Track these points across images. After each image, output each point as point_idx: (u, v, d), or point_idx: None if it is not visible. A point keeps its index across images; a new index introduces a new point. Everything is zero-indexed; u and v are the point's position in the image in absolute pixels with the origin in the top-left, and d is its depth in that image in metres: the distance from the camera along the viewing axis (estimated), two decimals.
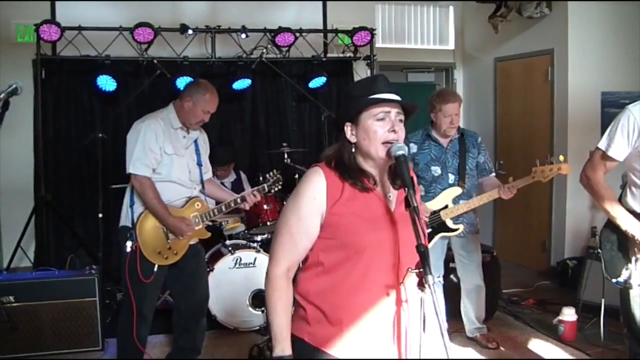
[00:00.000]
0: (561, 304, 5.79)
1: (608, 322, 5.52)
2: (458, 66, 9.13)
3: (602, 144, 3.58)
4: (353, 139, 2.38)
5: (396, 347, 2.38)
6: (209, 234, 4.66)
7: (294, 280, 2.44)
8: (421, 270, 2.13)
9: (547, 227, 7.64)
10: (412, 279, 2.32)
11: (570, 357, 5.16)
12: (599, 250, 3.75)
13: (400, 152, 2.28)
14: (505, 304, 6.38)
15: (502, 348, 5.30)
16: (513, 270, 7.38)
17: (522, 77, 8.01)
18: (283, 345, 2.32)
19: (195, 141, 4.57)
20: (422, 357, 2.29)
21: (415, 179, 2.61)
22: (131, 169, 4.25)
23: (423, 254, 2.12)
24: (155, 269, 4.34)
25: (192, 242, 4.55)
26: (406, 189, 2.22)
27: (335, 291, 2.34)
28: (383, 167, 2.41)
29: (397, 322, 2.36)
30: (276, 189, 4.71)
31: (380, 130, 2.31)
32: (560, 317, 5.51)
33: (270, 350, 2.41)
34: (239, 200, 4.53)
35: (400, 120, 2.36)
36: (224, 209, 4.56)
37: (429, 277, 2.10)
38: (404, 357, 2.38)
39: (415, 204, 2.19)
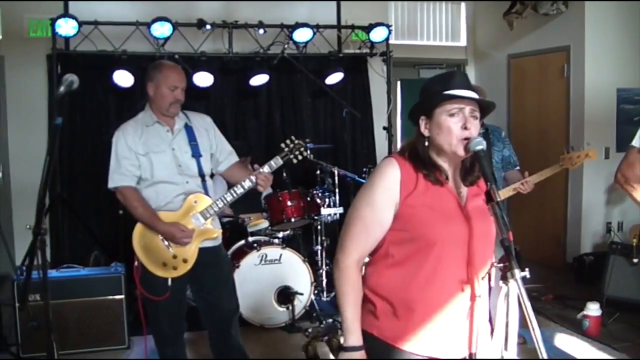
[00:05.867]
0: (581, 299, 5.83)
1: (633, 318, 5.59)
2: (470, 62, 9.14)
3: (637, 142, 3.55)
4: (427, 133, 2.36)
5: (467, 343, 2.38)
6: (217, 232, 4.06)
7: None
8: (506, 264, 2.12)
9: (562, 223, 7.69)
10: (482, 275, 2.34)
11: (606, 355, 5.16)
12: None
13: (479, 147, 2.26)
14: None
15: (528, 345, 5.31)
16: (528, 265, 7.34)
17: (537, 74, 8.04)
18: (355, 336, 2.32)
19: (188, 131, 4.06)
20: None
21: None
22: (110, 184, 3.91)
23: (508, 247, 2.12)
24: (169, 283, 3.90)
25: (204, 245, 4.00)
26: (488, 183, 2.21)
27: (406, 284, 2.32)
28: (455, 163, 2.39)
29: (470, 318, 2.36)
30: (300, 157, 4.08)
31: (453, 126, 2.28)
32: (585, 312, 5.51)
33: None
34: (245, 186, 3.95)
35: (475, 117, 2.33)
36: (228, 198, 3.97)
37: (516, 271, 2.09)
38: (473, 352, 2.39)
39: (499, 199, 2.18)
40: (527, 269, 2.15)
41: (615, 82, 7.32)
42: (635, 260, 5.68)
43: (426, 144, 2.37)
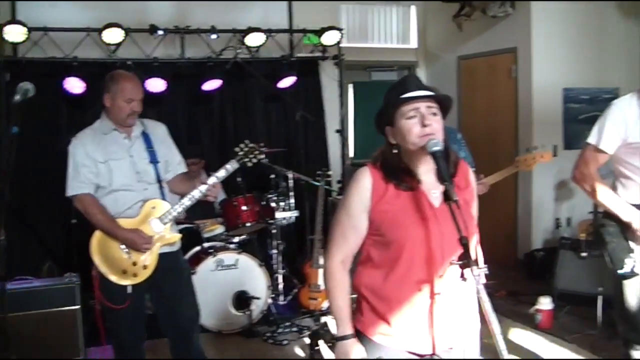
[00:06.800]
0: (533, 294, 5.99)
1: (583, 310, 5.74)
2: (420, 64, 9.20)
3: (592, 139, 3.58)
4: (394, 141, 2.44)
5: (430, 338, 2.43)
6: (176, 237, 4.05)
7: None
8: (464, 261, 2.18)
9: (513, 220, 7.86)
10: (453, 272, 2.37)
11: (558, 347, 5.28)
12: (605, 242, 3.74)
13: (435, 148, 2.31)
14: None
15: (484, 340, 5.38)
16: None
17: (486, 75, 8.20)
18: (344, 326, 2.50)
19: (145, 138, 4.03)
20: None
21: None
22: (68, 191, 3.86)
23: (465, 245, 2.18)
24: (129, 290, 3.85)
25: (163, 250, 3.96)
26: (445, 183, 2.26)
27: (382, 285, 2.45)
28: (427, 163, 2.43)
29: (430, 315, 2.41)
30: (255, 160, 4.00)
31: (413, 127, 2.35)
32: (537, 307, 5.67)
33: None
34: (203, 189, 3.86)
35: (434, 114, 2.39)
36: (187, 202, 3.90)
37: (473, 268, 2.15)
38: (437, 348, 2.45)
39: (455, 198, 2.22)
40: (485, 266, 2.21)
41: (562, 82, 7.53)
42: (584, 254, 5.82)
43: (395, 151, 2.44)
